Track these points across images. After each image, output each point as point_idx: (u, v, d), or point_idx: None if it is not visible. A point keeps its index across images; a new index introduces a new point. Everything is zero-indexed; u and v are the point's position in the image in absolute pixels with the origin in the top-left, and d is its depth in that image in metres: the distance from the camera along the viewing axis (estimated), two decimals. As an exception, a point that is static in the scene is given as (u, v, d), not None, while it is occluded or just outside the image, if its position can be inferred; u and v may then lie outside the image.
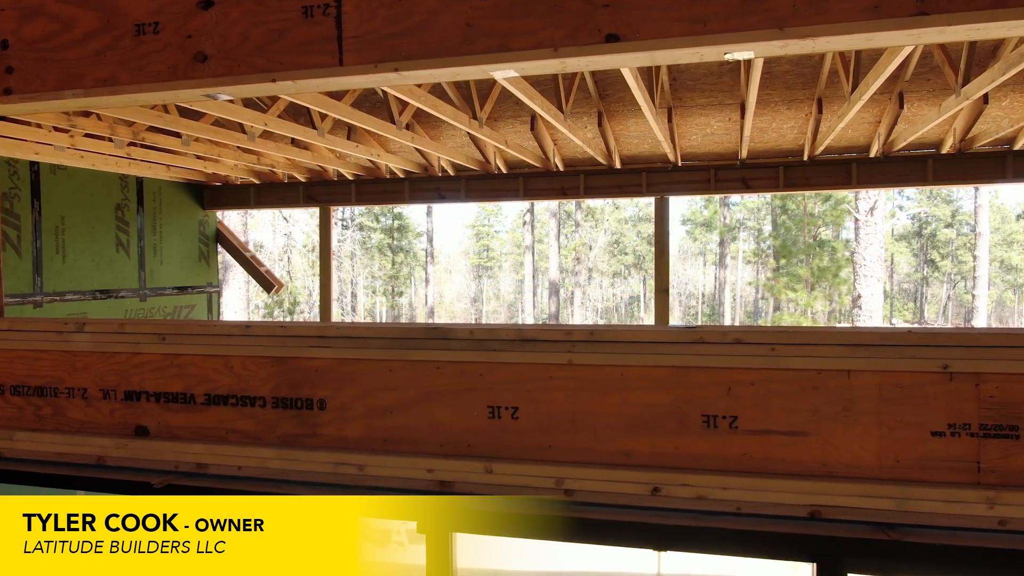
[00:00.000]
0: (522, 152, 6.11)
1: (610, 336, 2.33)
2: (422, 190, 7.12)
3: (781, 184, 6.22)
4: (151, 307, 6.94)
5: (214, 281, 7.83)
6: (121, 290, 6.63)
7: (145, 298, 6.88)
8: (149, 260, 6.94)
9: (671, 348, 2.28)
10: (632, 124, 6.39)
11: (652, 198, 6.60)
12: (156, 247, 7.03)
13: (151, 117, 4.34)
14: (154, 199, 7.01)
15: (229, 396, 2.71)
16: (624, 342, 2.31)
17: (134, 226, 6.78)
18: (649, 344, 2.29)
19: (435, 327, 2.47)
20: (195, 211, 7.59)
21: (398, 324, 2.53)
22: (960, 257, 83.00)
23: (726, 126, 6.31)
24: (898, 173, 5.99)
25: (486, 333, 2.41)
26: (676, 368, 2.28)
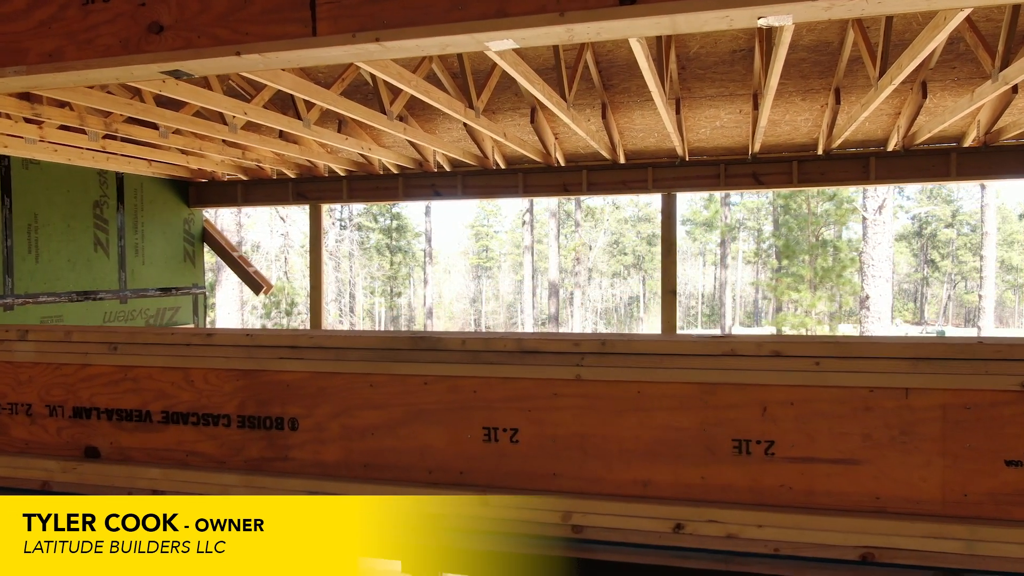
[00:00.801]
0: (522, 146, 5.79)
1: (625, 347, 2.00)
2: (417, 186, 6.79)
3: (795, 179, 5.90)
4: (132, 309, 6.61)
5: (200, 282, 7.50)
6: (100, 292, 6.30)
7: (126, 300, 6.55)
8: (130, 260, 6.61)
9: (696, 362, 1.95)
10: (638, 116, 6.06)
11: (659, 194, 6.28)
12: (138, 246, 6.70)
13: (121, 105, 4.01)
14: (135, 196, 6.68)
15: (189, 414, 2.39)
16: (642, 354, 1.99)
17: (114, 224, 6.45)
18: (671, 357, 1.97)
19: (422, 336, 2.14)
20: (180, 209, 7.26)
21: (380, 332, 2.20)
22: (960, 257, 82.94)
23: (736, 119, 5.99)
24: (919, 168, 5.67)
25: (481, 343, 2.09)
26: (702, 385, 1.96)
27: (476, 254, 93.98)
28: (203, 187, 7.33)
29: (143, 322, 6.72)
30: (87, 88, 3.95)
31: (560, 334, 2.04)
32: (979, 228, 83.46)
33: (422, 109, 6.21)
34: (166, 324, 7.00)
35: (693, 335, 1.99)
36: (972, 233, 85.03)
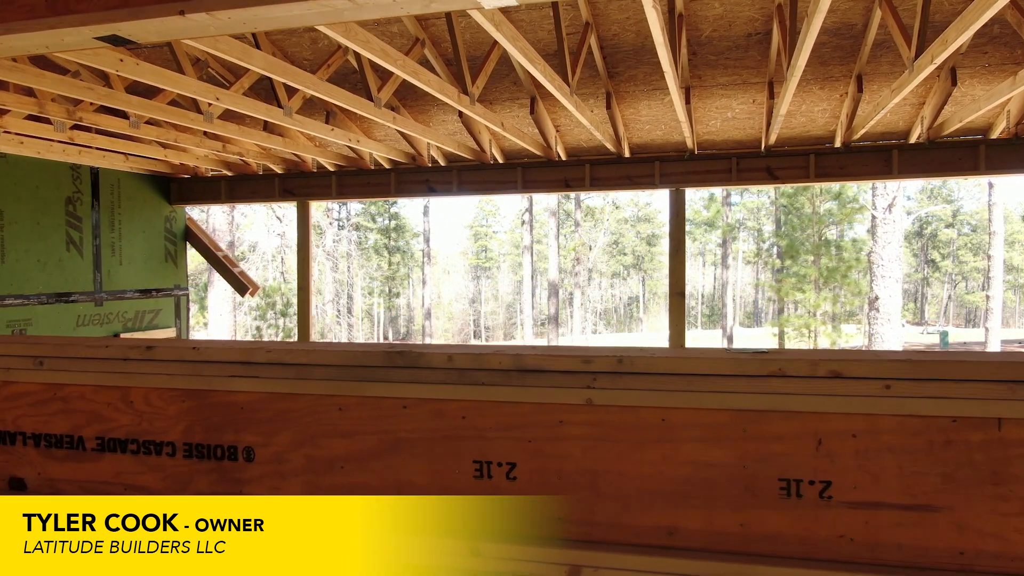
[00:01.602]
0: (521, 138, 5.43)
1: (646, 365, 1.64)
2: (410, 182, 6.43)
3: (812, 174, 5.54)
4: (109, 312, 6.24)
5: (183, 283, 7.13)
6: (73, 293, 5.93)
7: (101, 302, 6.18)
8: (106, 260, 6.24)
9: (735, 383, 1.59)
10: (644, 107, 5.70)
11: (666, 190, 5.92)
12: (114, 245, 6.33)
13: (80, 90, 3.65)
14: (112, 192, 6.31)
15: (128, 440, 2.02)
16: (667, 374, 1.62)
17: (88, 222, 6.08)
18: (703, 378, 1.60)
19: (400, 351, 1.78)
20: (160, 206, 6.89)
21: (350, 345, 1.82)
22: (961, 257, 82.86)
23: (749, 109, 5.63)
24: (945, 161, 5.31)
25: (471, 360, 1.72)
26: (742, 412, 1.59)
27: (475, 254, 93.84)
28: (185, 183, 6.97)
29: (120, 326, 6.35)
30: (57, 74, 3.59)
31: (567, 348, 1.66)
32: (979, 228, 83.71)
33: (415, 99, 5.85)
34: (146, 327, 6.63)
35: (730, 350, 1.63)
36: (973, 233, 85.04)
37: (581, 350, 1.72)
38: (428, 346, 1.84)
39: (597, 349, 1.72)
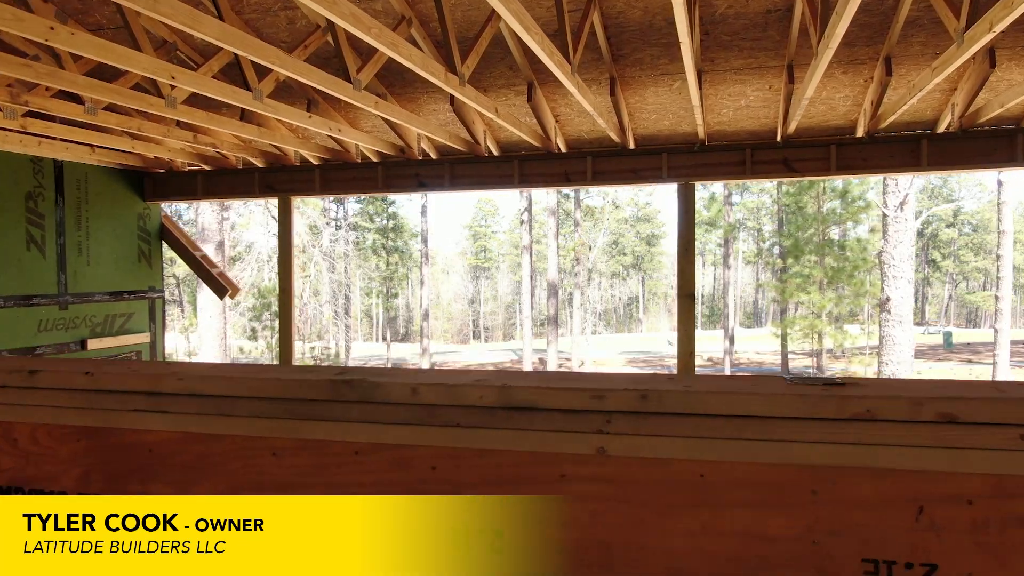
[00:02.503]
0: (517, 126, 4.99)
1: (680, 403, 1.20)
2: (399, 176, 5.99)
3: (833, 166, 5.11)
4: (75, 316, 5.81)
5: (158, 285, 6.69)
6: (34, 296, 5.49)
7: (66, 305, 5.74)
8: (72, 260, 5.80)
9: (802, 429, 1.16)
10: (651, 94, 5.27)
11: (675, 184, 5.48)
12: (81, 245, 5.89)
13: (14, 67, 3.21)
14: (78, 188, 5.87)
15: (9, 488, 1.59)
16: (707, 415, 1.19)
17: (51, 219, 5.64)
18: (757, 421, 1.17)
19: (350, 380, 1.34)
20: (133, 202, 6.45)
21: (288, 371, 1.37)
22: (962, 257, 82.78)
23: (765, 96, 5.20)
24: (979, 152, 4.88)
25: (444, 393, 1.29)
26: (811, 468, 1.16)
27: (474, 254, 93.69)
28: (160, 178, 6.53)
29: (87, 330, 5.91)
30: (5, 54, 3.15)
31: (571, 377, 1.22)
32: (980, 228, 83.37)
33: (402, 86, 5.42)
34: (116, 332, 6.20)
35: (793, 382, 1.19)
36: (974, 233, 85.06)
37: (591, 379, 1.28)
38: (388, 371, 1.40)
39: (612, 379, 1.29)
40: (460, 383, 1.27)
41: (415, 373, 1.37)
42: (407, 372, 1.39)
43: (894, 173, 5.03)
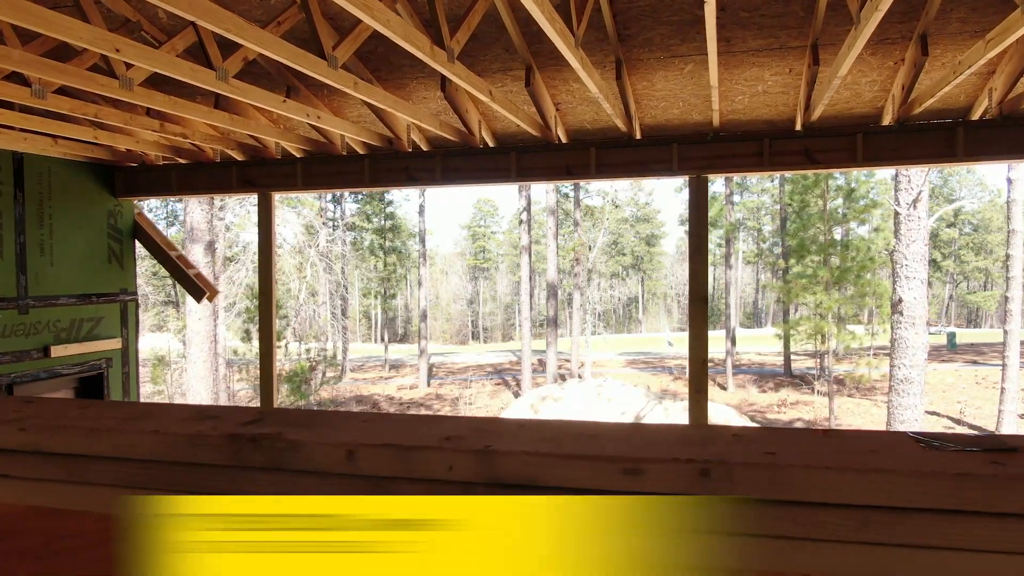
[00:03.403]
0: (514, 112, 4.56)
1: (762, 482, 0.77)
2: (387, 170, 5.56)
3: (859, 157, 4.68)
4: (36, 321, 5.36)
5: (130, 287, 6.25)
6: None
7: (27, 309, 5.30)
8: (33, 261, 5.36)
9: (956, 528, 0.72)
10: (659, 79, 4.84)
11: (685, 177, 5.05)
12: (44, 244, 5.45)
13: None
14: (40, 182, 5.43)
15: None
16: (807, 504, 0.75)
17: (9, 216, 5.20)
18: (882, 514, 0.73)
19: (258, 432, 0.90)
20: (102, 199, 6.01)
21: (179, 417, 0.90)
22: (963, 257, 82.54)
23: (784, 81, 4.77)
24: (1020, 141, 4.45)
25: (392, 460, 0.85)
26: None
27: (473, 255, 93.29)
28: (132, 173, 6.09)
29: (51, 336, 5.47)
30: None
31: (587, 434, 0.78)
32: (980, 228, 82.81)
33: (389, 72, 4.99)
34: (84, 338, 5.76)
35: (931, 445, 0.75)
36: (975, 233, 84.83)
37: (615, 436, 0.85)
38: (321, 418, 0.96)
39: (648, 433, 0.85)
40: (419, 445, 0.83)
41: (359, 424, 0.94)
42: (347, 421, 0.95)
43: (926, 164, 4.60)
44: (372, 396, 32.96)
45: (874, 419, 23.27)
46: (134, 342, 6.26)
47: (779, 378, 31.05)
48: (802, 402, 26.15)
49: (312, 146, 5.66)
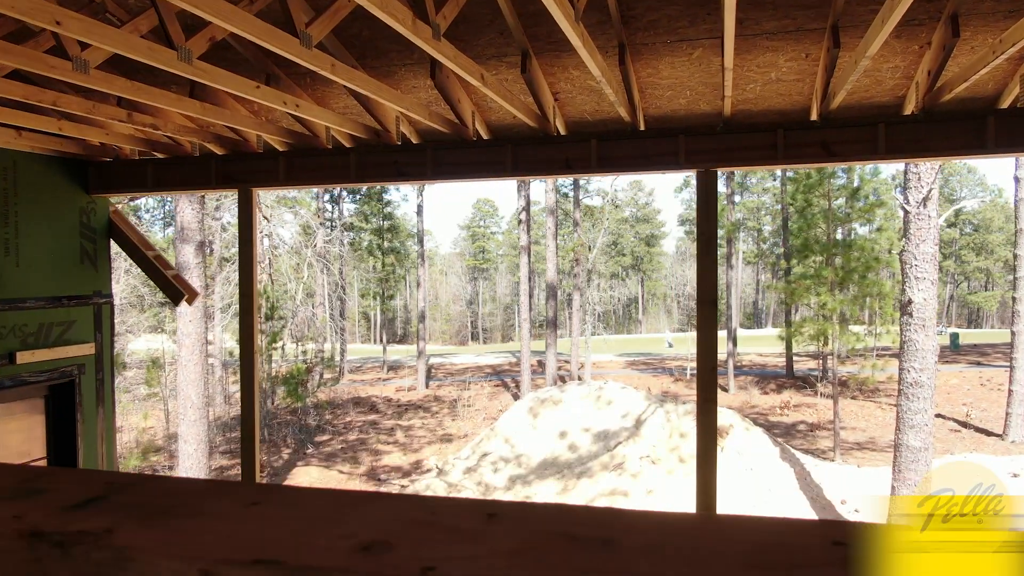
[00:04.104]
0: (509, 100, 4.22)
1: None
2: (374, 164, 5.23)
3: (881, 149, 4.35)
4: (1, 325, 5.03)
5: (105, 289, 5.92)
6: (-51, 303, 4.72)
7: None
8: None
9: None
10: (665, 66, 4.51)
11: (692, 171, 4.72)
12: (9, 243, 5.12)
13: None
14: (4, 177, 5.10)
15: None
16: None
17: (-30, 214, 4.87)
18: None
19: (67, 532, 0.57)
20: (74, 195, 5.68)
21: None
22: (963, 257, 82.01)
23: (800, 67, 4.44)
24: (1055, 131, 4.12)
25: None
26: None
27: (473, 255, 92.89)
28: (106, 168, 5.76)
29: (18, 342, 5.14)
30: None
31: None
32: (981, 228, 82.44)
33: (376, 57, 4.66)
34: (54, 343, 5.42)
35: None
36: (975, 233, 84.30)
37: (650, 536, 0.51)
38: (192, 494, 0.63)
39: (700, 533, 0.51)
40: (315, 564, 0.50)
41: (239, 512, 0.60)
42: (228, 507, 0.62)
43: (953, 157, 4.28)
44: (370, 398, 32.62)
45: (878, 422, 22.95)
46: (109, 347, 5.93)
47: (781, 379, 30.73)
48: (805, 404, 25.83)
49: (295, 139, 5.32)
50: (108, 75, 3.52)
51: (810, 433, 22.30)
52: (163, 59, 3.04)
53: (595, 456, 16.78)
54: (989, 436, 20.26)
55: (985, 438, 20.15)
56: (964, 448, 18.88)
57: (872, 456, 19.09)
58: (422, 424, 26.86)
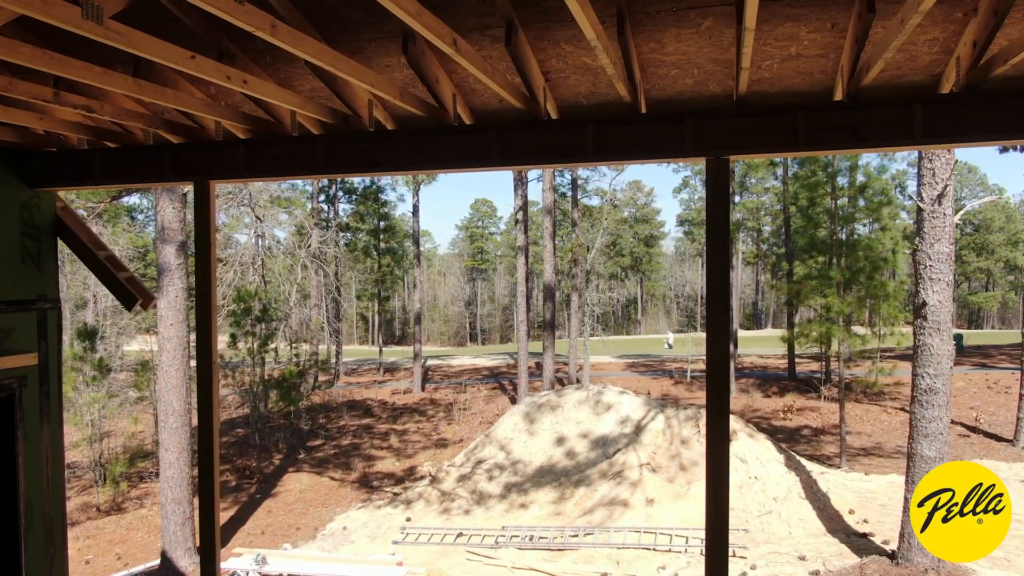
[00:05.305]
0: (490, 75, 3.68)
1: None
2: (345, 153, 4.67)
3: (917, 134, 3.80)
4: (-76, 335, 4.48)
5: (50, 292, 5.36)
6: None
7: (-90, 321, 4.41)
8: (-81, 262, 4.47)
9: None
10: (670, 39, 3.96)
11: (702, 159, 4.18)
12: (-66, 242, 4.57)
13: None
14: (-72, 168, 4.55)
15: None
16: None
17: None
18: None
19: None
20: (14, 189, 5.12)
21: None
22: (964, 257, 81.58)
23: (824, 41, 3.89)
24: (1121, 111, 3.58)
25: None
26: None
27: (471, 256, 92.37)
28: (50, 159, 5.21)
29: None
30: None
31: None
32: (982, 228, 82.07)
33: (342, 30, 4.09)
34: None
35: None
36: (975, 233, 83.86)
37: None
38: None
39: None
40: None
41: None
42: None
43: (1003, 142, 3.74)
44: (365, 401, 32.06)
45: (884, 426, 22.41)
46: (55, 356, 5.38)
47: (783, 382, 30.18)
48: (808, 408, 25.28)
49: (257, 126, 4.77)
50: (11, 41, 2.96)
51: (814, 438, 21.75)
52: (61, 15, 2.49)
53: (593, 463, 16.22)
54: (999, 442, 19.72)
55: (995, 444, 19.61)
56: (974, 454, 18.34)
57: (879, 463, 18.55)
58: (417, 428, 26.29)
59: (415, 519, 16.01)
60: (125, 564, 15.71)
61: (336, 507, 18.46)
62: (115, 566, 15.77)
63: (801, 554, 12.42)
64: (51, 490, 5.38)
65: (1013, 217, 79.26)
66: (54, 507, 5.42)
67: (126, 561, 15.97)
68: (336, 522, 17.13)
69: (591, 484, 15.62)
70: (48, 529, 5.38)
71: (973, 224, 76.96)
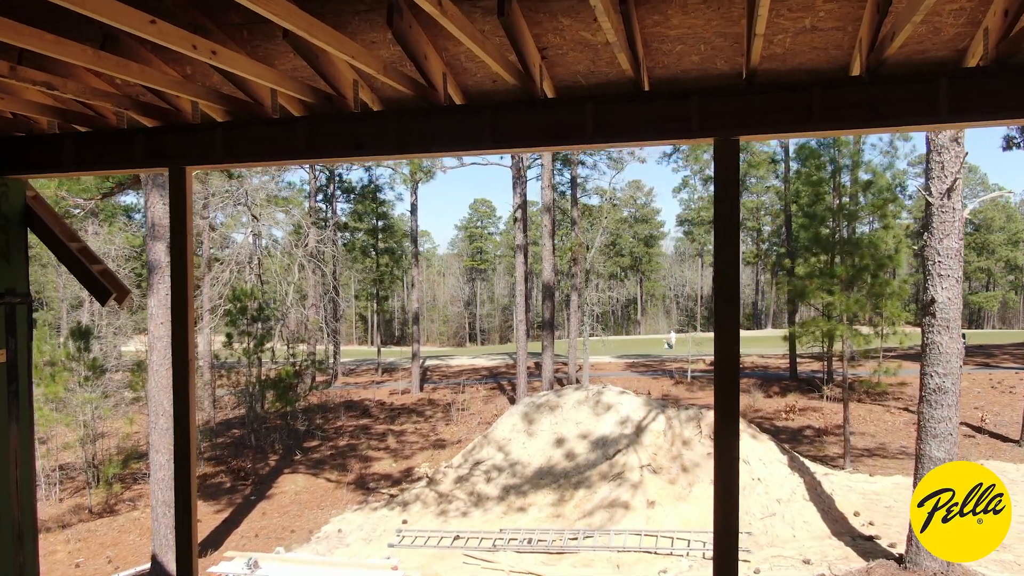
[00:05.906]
0: (481, 45, 3.40)
1: None
2: (329, 135, 4.39)
3: (942, 111, 3.52)
4: None
5: (19, 286, 5.08)
6: None
7: None
8: None
9: None
10: (675, 11, 3.67)
11: (710, 140, 3.89)
12: None
13: None
14: None
15: None
16: None
17: None
18: None
19: None
20: (-21, 176, 4.85)
21: None
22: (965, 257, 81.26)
23: (842, 11, 3.61)
24: None
25: None
26: None
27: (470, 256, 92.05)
28: (19, 145, 4.92)
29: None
30: None
31: None
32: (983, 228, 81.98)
33: (323, 2, 3.81)
34: (-48, 350, 4.58)
35: None
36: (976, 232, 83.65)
37: None
38: None
39: None
40: None
41: None
42: None
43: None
44: (362, 402, 31.77)
45: (888, 427, 22.13)
46: (25, 354, 5.09)
47: (785, 382, 29.89)
48: (811, 408, 25.00)
49: (236, 107, 4.49)
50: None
51: (817, 439, 21.47)
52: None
53: (593, 465, 15.94)
54: (1005, 442, 19.45)
55: (1001, 444, 19.34)
56: (980, 455, 18.07)
57: (884, 464, 18.27)
58: (415, 429, 26.00)
59: (412, 521, 15.73)
60: (116, 568, 15.42)
61: (332, 509, 18.18)
62: (105, 570, 15.48)
63: (806, 557, 12.14)
64: (20, 494, 5.09)
65: (1014, 217, 79.09)
66: (24, 512, 5.14)
67: (117, 564, 15.68)
68: (331, 524, 16.84)
69: (591, 486, 15.33)
70: (18, 535, 5.09)
71: (974, 224, 76.70)
